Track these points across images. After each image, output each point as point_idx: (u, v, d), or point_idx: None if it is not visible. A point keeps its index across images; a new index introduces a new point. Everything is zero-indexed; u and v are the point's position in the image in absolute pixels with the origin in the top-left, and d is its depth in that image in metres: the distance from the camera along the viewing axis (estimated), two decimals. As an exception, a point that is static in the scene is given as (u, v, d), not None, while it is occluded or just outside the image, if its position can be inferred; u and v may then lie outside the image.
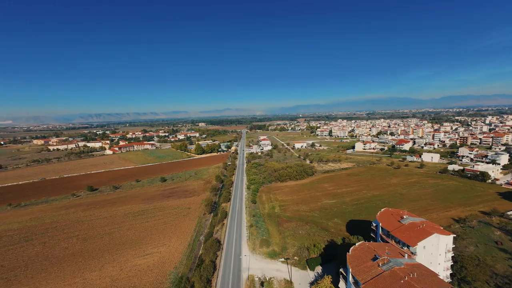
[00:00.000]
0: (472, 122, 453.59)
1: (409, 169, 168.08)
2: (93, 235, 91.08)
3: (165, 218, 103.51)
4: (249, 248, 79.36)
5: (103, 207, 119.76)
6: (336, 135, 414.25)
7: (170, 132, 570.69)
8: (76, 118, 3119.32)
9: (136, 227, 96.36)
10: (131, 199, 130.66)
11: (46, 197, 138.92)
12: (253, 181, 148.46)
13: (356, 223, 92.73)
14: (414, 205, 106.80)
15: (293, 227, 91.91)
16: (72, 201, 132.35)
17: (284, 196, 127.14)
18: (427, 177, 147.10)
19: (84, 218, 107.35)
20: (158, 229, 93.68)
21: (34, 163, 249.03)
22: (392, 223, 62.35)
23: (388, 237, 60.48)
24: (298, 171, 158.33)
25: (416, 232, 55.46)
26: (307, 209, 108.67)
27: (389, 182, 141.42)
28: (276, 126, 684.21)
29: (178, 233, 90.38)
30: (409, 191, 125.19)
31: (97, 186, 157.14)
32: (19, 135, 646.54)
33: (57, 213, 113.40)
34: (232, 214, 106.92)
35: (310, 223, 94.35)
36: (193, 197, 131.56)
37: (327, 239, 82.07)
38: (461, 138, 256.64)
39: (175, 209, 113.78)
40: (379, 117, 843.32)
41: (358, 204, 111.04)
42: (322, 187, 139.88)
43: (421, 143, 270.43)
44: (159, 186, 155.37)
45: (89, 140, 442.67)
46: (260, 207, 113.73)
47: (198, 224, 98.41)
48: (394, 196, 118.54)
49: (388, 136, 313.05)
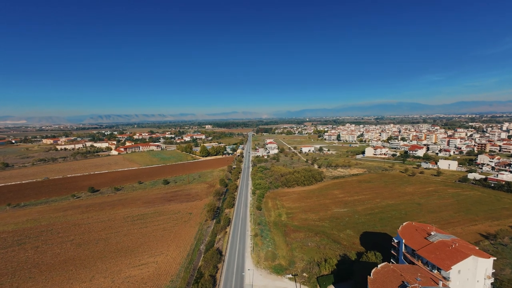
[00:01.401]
0: (488, 129, 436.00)
1: (425, 177, 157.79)
2: (88, 240, 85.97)
3: (165, 224, 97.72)
4: (253, 261, 72.37)
5: (102, 210, 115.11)
6: (344, 140, 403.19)
7: (177, 134, 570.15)
8: (87, 118, 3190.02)
9: (134, 232, 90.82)
10: (131, 202, 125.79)
11: (46, 197, 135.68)
12: (259, 186, 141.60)
13: (370, 236, 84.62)
14: (434, 217, 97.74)
15: (302, 238, 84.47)
16: (72, 202, 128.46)
17: (291, 203, 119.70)
18: (445, 186, 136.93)
19: (82, 221, 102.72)
20: (156, 236, 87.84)
21: (40, 162, 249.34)
22: (417, 240, 54.41)
23: (413, 257, 52.54)
24: (306, 176, 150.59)
25: (448, 253, 47.47)
26: (316, 218, 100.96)
27: (404, 191, 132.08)
28: (282, 130, 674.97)
29: (177, 241, 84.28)
30: (427, 201, 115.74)
31: (98, 187, 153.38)
32: (31, 134, 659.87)
33: (55, 215, 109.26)
34: (236, 221, 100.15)
35: (320, 234, 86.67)
36: (195, 201, 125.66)
37: (340, 253, 74.37)
38: (479, 145, 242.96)
39: (176, 214, 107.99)
40: (388, 122, 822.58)
41: (372, 214, 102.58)
42: (332, 194, 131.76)
43: (435, 149, 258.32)
44: (161, 188, 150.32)
45: (96, 141, 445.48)
46: (265, 214, 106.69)
47: (199, 231, 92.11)
48: (411, 206, 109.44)
49: (399, 142, 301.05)
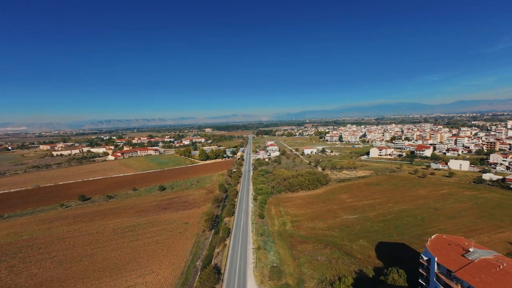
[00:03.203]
0: (492, 127, 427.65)
1: (437, 178, 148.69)
2: (72, 256, 76.97)
3: (158, 236, 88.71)
4: (256, 280, 63.27)
5: (91, 221, 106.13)
6: (347, 141, 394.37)
7: (176, 138, 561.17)
8: (87, 124, 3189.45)
9: (123, 247, 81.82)
10: (124, 211, 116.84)
11: (33, 207, 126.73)
12: (261, 191, 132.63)
13: (387, 247, 75.55)
14: (454, 223, 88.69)
15: (310, 251, 75.42)
16: (60, 212, 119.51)
17: (296, 210, 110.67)
18: (460, 188, 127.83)
19: (67, 234, 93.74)
20: (147, 251, 78.83)
21: (33, 169, 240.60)
22: (453, 258, 45.48)
23: (449, 279, 43.55)
24: (310, 179, 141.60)
25: (496, 277, 38.57)
26: (324, 227, 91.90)
27: (417, 194, 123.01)
28: (283, 132, 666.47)
29: (170, 256, 75.27)
30: (444, 205, 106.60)
31: (90, 195, 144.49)
32: (30, 140, 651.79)
33: (39, 227, 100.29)
34: (236, 232, 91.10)
35: (330, 246, 77.60)
36: (192, 209, 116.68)
37: (355, 269, 65.34)
38: (488, 143, 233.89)
39: (171, 224, 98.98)
40: (389, 122, 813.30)
41: (385, 221, 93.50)
42: (339, 198, 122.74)
43: (442, 148, 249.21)
44: (156, 195, 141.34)
45: (93, 146, 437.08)
46: (268, 223, 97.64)
47: (196, 244, 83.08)
48: (427, 211, 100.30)
49: (404, 142, 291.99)
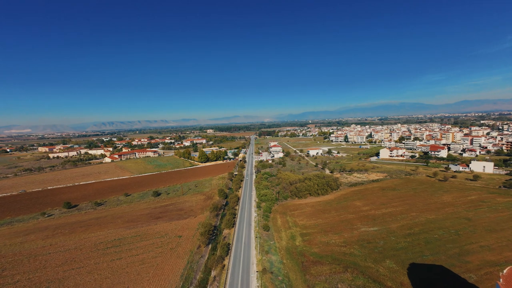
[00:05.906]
0: (503, 126, 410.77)
1: (460, 182, 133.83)
2: (39, 281, 63.86)
3: (145, 254, 75.40)
4: (261, 318, 49.67)
5: (72, 233, 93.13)
6: (352, 141, 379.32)
7: (177, 139, 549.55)
8: (90, 126, 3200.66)
9: (102, 268, 68.58)
10: (111, 221, 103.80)
11: (12, 216, 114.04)
12: (265, 197, 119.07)
13: (421, 270, 61.31)
14: (497, 238, 74.17)
15: (327, 275, 61.45)
16: (40, 222, 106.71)
17: (305, 220, 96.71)
18: (490, 194, 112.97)
19: (41, 250, 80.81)
20: (130, 273, 65.48)
21: (25, 172, 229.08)
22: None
23: None
24: (319, 184, 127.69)
25: None
26: (341, 242, 77.86)
27: (442, 200, 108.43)
28: (286, 132, 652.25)
29: (157, 281, 61.85)
30: (477, 214, 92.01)
31: (78, 201, 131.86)
32: (32, 142, 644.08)
33: (11, 242, 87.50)
34: (237, 248, 77.46)
35: (351, 268, 63.53)
36: (188, 218, 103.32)
37: (387, 303, 51.47)
38: (508, 143, 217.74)
39: (161, 238, 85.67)
40: (393, 122, 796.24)
41: (412, 235, 79.24)
42: (353, 205, 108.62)
43: (457, 149, 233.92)
44: (149, 202, 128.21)
45: (92, 147, 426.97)
46: (275, 237, 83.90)
47: (189, 264, 69.59)
48: (460, 223, 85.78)
49: (415, 142, 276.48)
